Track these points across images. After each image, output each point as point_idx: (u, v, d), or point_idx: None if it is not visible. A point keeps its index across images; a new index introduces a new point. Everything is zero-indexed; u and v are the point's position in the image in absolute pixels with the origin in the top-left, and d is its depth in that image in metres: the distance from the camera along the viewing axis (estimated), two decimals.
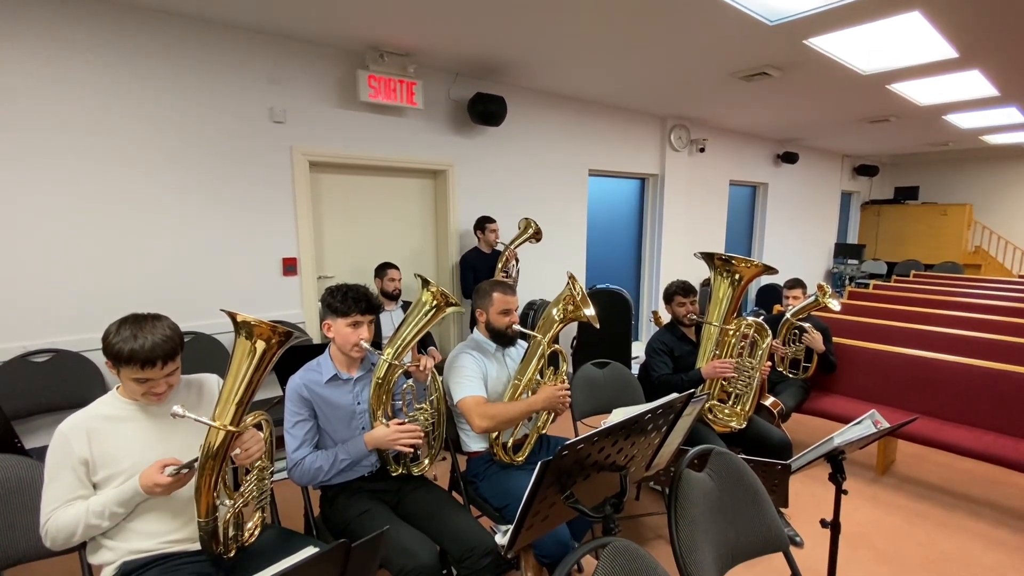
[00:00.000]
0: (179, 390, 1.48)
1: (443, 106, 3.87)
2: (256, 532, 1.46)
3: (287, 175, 3.24)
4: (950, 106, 5.01)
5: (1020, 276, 7.82)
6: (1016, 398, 2.77)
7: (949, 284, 6.37)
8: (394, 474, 1.78)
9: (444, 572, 2.10)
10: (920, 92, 4.47)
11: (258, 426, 1.42)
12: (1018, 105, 5.00)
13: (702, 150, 5.87)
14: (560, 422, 2.26)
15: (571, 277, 1.98)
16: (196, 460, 1.24)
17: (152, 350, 1.29)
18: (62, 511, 1.27)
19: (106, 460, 1.32)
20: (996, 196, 9.19)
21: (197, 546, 1.36)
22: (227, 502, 1.36)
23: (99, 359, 2.65)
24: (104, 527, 1.29)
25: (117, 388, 1.41)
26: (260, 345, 1.27)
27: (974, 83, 4.16)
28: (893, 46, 3.37)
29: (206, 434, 1.27)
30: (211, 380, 1.56)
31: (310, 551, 0.75)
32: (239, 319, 1.25)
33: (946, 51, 3.39)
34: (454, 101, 3.89)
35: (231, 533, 1.38)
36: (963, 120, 5.65)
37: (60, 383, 2.58)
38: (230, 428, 1.26)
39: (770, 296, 6.59)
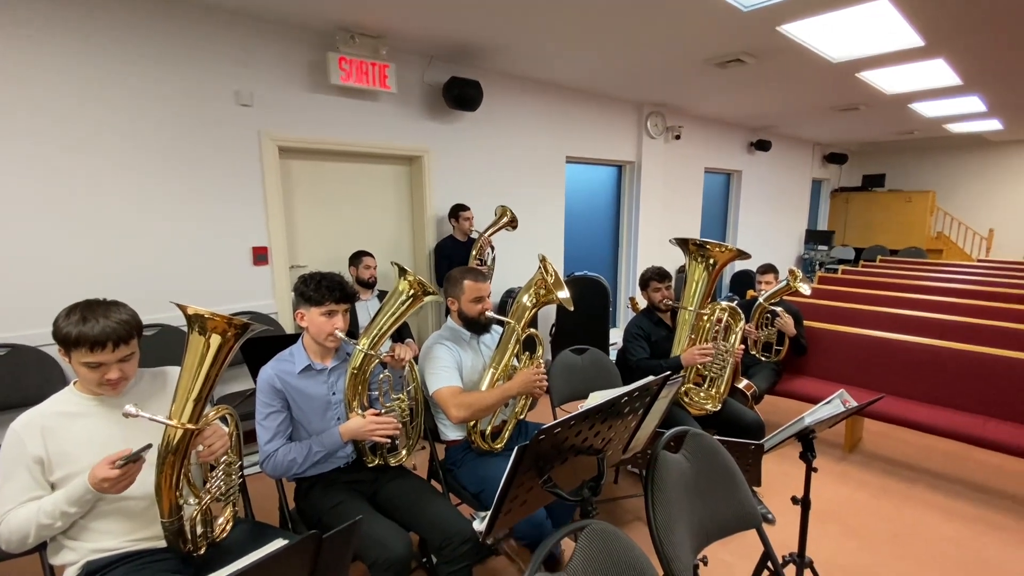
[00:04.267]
0: (142, 383, 1.42)
1: (417, 90, 3.79)
2: (228, 527, 1.42)
3: (256, 161, 3.14)
4: (916, 95, 5.13)
5: (979, 260, 8.14)
6: (975, 376, 2.89)
7: (913, 268, 6.59)
8: (371, 465, 1.76)
9: (424, 560, 2.11)
10: (888, 81, 4.57)
11: (223, 420, 1.38)
12: (980, 94, 5.15)
13: (678, 137, 5.91)
14: (539, 408, 2.26)
15: (543, 259, 1.96)
16: (144, 448, 1.18)
17: (102, 331, 1.23)
18: (15, 513, 1.21)
19: (62, 459, 1.26)
20: (957, 183, 9.52)
21: (165, 543, 1.32)
22: (191, 500, 1.32)
23: (58, 353, 2.55)
24: (58, 527, 1.24)
25: (75, 383, 1.35)
26: (215, 339, 1.21)
27: (939, 72, 4.27)
28: (863, 34, 3.42)
29: (163, 432, 1.23)
30: (176, 372, 1.50)
31: (280, 544, 0.73)
32: (190, 312, 1.19)
33: (913, 39, 3.46)
34: (428, 85, 3.82)
35: (199, 530, 1.34)
36: (928, 109, 5.80)
37: (18, 379, 2.47)
38: (188, 426, 1.21)
39: (744, 282, 6.72)
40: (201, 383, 1.22)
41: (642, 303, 2.92)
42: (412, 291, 1.66)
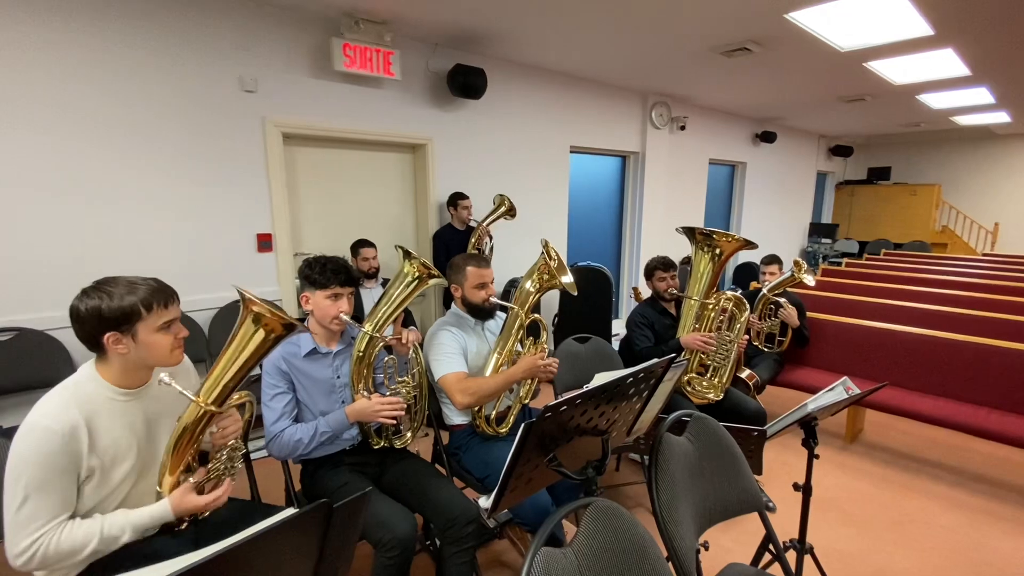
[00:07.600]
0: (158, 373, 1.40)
1: (422, 78, 3.77)
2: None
3: (260, 147, 3.13)
4: (923, 86, 5.08)
5: (984, 254, 8.10)
6: (975, 367, 2.89)
7: (917, 262, 6.57)
8: (376, 447, 1.77)
9: (428, 543, 2.13)
10: (895, 71, 4.52)
11: (240, 407, 1.39)
12: (988, 85, 5.10)
13: (683, 128, 5.87)
14: (542, 398, 2.27)
15: (545, 244, 1.96)
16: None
17: (163, 287, 1.23)
18: (67, 532, 1.09)
19: (105, 459, 1.17)
20: (963, 177, 9.45)
21: None
22: (191, 479, 1.32)
23: (65, 337, 2.56)
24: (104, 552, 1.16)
25: (95, 364, 1.23)
26: (260, 334, 1.21)
27: (947, 62, 4.22)
28: (872, 23, 3.38)
29: (184, 410, 1.23)
30: (187, 363, 1.46)
31: (290, 512, 0.73)
32: (254, 308, 1.20)
33: (922, 28, 3.42)
34: (433, 73, 3.80)
35: None
36: (935, 100, 5.75)
37: (24, 363, 2.48)
38: (211, 408, 1.21)
39: (747, 275, 6.72)
40: (237, 369, 1.22)
41: (646, 292, 2.92)
42: (417, 274, 1.66)
